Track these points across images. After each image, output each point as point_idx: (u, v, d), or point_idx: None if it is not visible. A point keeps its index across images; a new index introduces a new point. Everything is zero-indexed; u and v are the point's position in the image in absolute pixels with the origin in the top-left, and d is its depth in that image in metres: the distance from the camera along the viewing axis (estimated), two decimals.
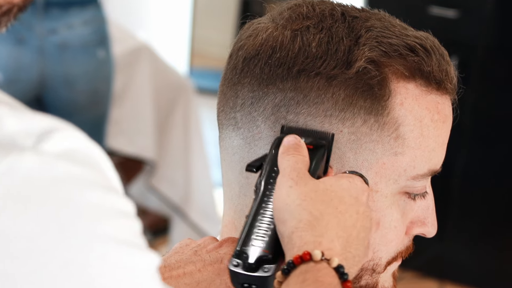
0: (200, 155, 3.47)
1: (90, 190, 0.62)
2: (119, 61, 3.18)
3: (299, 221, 0.81)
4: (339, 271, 0.79)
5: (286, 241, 0.81)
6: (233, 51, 0.97)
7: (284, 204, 0.82)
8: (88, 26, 2.79)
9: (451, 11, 3.36)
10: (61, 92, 2.81)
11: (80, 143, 0.64)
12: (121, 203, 0.65)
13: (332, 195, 0.84)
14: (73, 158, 0.62)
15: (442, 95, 0.94)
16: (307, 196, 0.83)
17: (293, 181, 0.84)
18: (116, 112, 3.28)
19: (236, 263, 0.82)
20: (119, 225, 0.64)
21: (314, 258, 0.79)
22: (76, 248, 0.61)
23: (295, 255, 0.80)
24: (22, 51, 2.73)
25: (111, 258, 0.62)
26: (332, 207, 0.83)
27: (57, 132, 0.63)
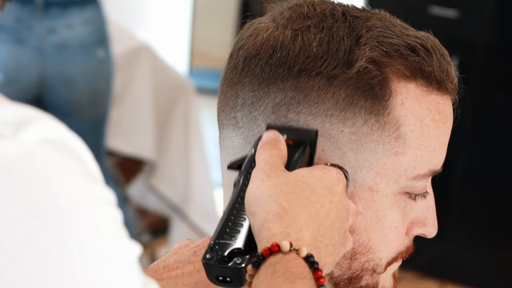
0: (200, 155, 3.47)
1: (69, 178, 0.62)
2: (119, 61, 3.18)
3: (268, 213, 0.81)
4: (309, 260, 0.79)
5: (256, 233, 0.81)
6: (233, 50, 0.97)
7: (254, 197, 0.83)
8: (87, 25, 2.79)
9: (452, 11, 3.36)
10: (60, 92, 2.81)
11: (59, 133, 0.64)
12: (101, 192, 0.65)
13: (303, 186, 0.83)
14: (51, 146, 0.62)
15: (442, 95, 0.94)
16: (277, 188, 0.83)
17: (265, 174, 0.84)
18: (116, 112, 3.28)
19: (209, 257, 0.82)
20: (99, 214, 0.64)
21: (282, 249, 0.79)
22: (54, 237, 0.61)
23: (264, 247, 0.79)
24: (21, 51, 2.73)
25: (90, 247, 0.62)
26: (303, 198, 0.83)
27: (36, 122, 0.63)
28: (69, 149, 0.64)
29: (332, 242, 0.82)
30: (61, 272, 0.61)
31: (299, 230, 0.80)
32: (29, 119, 0.62)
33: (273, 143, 0.87)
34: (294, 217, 0.81)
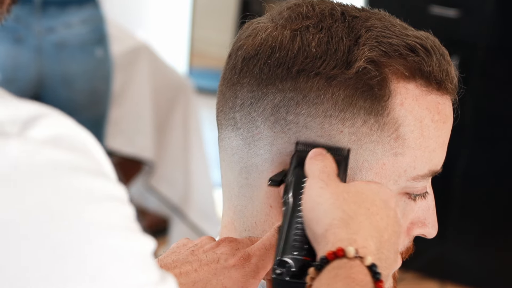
0: (199, 155, 3.47)
1: (78, 175, 0.62)
2: (118, 61, 3.18)
3: (332, 219, 0.81)
4: (372, 269, 0.79)
5: (320, 239, 0.81)
6: (232, 51, 0.97)
7: (316, 203, 0.83)
8: (86, 25, 2.79)
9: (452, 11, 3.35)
10: (59, 91, 2.80)
11: (68, 128, 0.63)
12: (111, 187, 0.64)
13: (364, 197, 0.84)
14: (60, 143, 0.62)
15: (442, 95, 0.94)
16: (339, 196, 0.83)
17: (324, 182, 0.84)
18: (115, 112, 3.27)
19: (280, 272, 0.83)
20: (109, 210, 0.63)
21: (347, 255, 0.79)
22: (64, 234, 0.60)
23: (329, 250, 0.79)
24: (20, 50, 2.73)
25: (100, 243, 0.62)
26: (364, 208, 0.83)
27: (44, 118, 0.62)
28: (79, 144, 0.63)
29: (389, 255, 0.82)
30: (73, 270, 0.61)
31: (364, 238, 0.80)
32: (36, 116, 0.62)
33: (324, 155, 0.88)
34: (358, 225, 0.81)
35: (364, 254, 0.79)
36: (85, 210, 0.62)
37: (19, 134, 0.60)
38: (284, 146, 0.92)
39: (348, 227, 0.80)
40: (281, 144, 0.92)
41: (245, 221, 0.96)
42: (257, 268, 0.89)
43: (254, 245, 0.91)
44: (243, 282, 0.88)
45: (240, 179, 0.95)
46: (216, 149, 1.00)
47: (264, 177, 0.93)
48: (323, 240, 0.81)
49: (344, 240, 0.79)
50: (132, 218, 0.65)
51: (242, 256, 0.90)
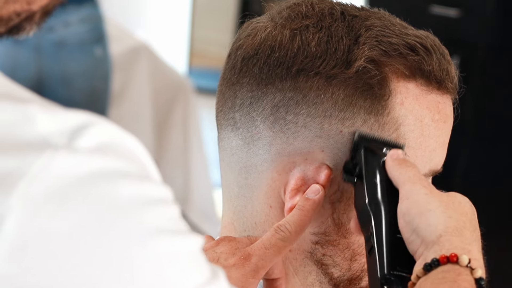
0: (199, 156, 3.47)
1: (125, 181, 0.62)
2: (118, 60, 3.18)
3: (446, 226, 0.82)
4: (479, 283, 0.80)
5: (431, 244, 0.82)
6: (231, 50, 0.96)
7: (427, 210, 0.83)
8: (85, 23, 2.78)
9: (453, 10, 3.35)
10: (58, 90, 2.80)
11: (114, 135, 0.63)
12: (158, 191, 0.64)
13: (466, 210, 0.86)
14: (107, 151, 0.62)
15: (443, 94, 0.94)
16: (448, 205, 0.84)
17: (427, 189, 0.85)
18: (115, 112, 3.27)
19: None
20: (157, 213, 0.63)
21: (460, 262, 0.80)
22: (116, 241, 0.61)
23: (442, 255, 0.80)
24: (19, 49, 2.72)
25: (152, 248, 0.62)
26: (469, 221, 0.85)
27: (90, 127, 0.62)
28: (125, 150, 0.63)
29: None
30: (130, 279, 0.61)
31: (478, 251, 0.82)
32: (83, 125, 0.62)
33: (408, 160, 0.88)
34: (470, 237, 0.83)
35: (476, 266, 0.80)
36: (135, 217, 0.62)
37: (67, 145, 0.60)
38: (282, 146, 0.92)
39: (463, 237, 0.82)
40: (279, 144, 0.92)
41: (245, 222, 0.96)
42: (257, 268, 0.89)
43: (254, 245, 0.90)
44: (243, 282, 0.88)
45: (240, 179, 0.95)
46: (216, 149, 1.00)
47: (263, 177, 0.93)
48: (435, 245, 0.82)
49: (459, 248, 0.81)
50: (178, 218, 0.65)
51: (242, 255, 0.89)
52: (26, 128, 0.61)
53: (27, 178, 0.59)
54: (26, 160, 0.59)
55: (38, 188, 0.59)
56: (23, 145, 0.60)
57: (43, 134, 0.61)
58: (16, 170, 0.59)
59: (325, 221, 0.93)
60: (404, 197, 0.85)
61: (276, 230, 0.90)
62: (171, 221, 0.64)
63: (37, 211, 0.59)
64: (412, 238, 0.83)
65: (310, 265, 0.95)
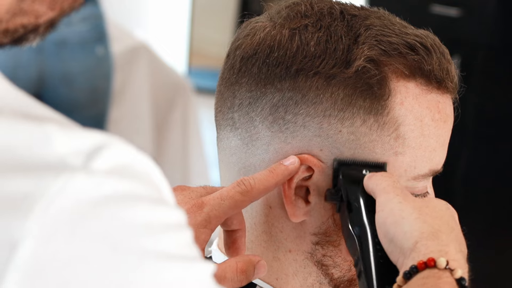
0: (198, 156, 3.47)
1: (140, 205, 0.61)
2: (117, 60, 3.17)
3: (421, 232, 0.82)
4: (461, 283, 0.80)
5: (409, 252, 0.82)
6: (230, 50, 0.96)
7: (401, 218, 0.83)
8: (86, 22, 2.78)
9: (453, 10, 3.35)
10: (60, 90, 2.80)
11: (130, 157, 0.63)
12: (172, 215, 0.64)
13: (441, 213, 0.85)
14: (122, 173, 0.61)
15: (443, 94, 0.94)
16: (421, 211, 0.84)
17: (400, 197, 0.85)
18: (114, 112, 3.27)
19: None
20: (170, 239, 0.63)
21: (438, 266, 0.79)
22: (128, 267, 0.60)
23: (420, 261, 0.80)
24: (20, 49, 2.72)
25: (162, 275, 0.61)
26: (446, 223, 0.84)
27: (107, 149, 0.61)
28: (140, 173, 0.63)
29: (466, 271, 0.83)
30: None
31: (456, 251, 0.82)
32: (99, 146, 0.61)
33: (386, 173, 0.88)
34: (447, 238, 0.82)
35: (455, 266, 0.80)
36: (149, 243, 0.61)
37: (84, 166, 0.60)
38: (280, 145, 0.91)
39: (438, 240, 0.82)
40: (277, 144, 0.91)
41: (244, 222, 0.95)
42: (208, 217, 0.88)
43: (210, 195, 0.90)
44: (194, 231, 0.86)
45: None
46: (215, 149, 1.00)
47: None
48: (412, 252, 0.81)
49: (435, 252, 0.80)
50: (191, 244, 0.65)
51: (194, 204, 0.89)
52: (43, 148, 0.60)
53: (44, 201, 0.58)
54: (43, 182, 0.58)
55: (55, 212, 0.58)
56: (40, 166, 0.59)
57: (60, 155, 0.60)
58: (33, 193, 0.58)
59: (326, 222, 0.93)
60: (379, 209, 0.85)
61: (238, 183, 0.89)
62: (184, 248, 0.64)
63: (53, 235, 0.58)
64: (391, 249, 0.83)
65: (310, 266, 0.94)
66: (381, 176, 0.87)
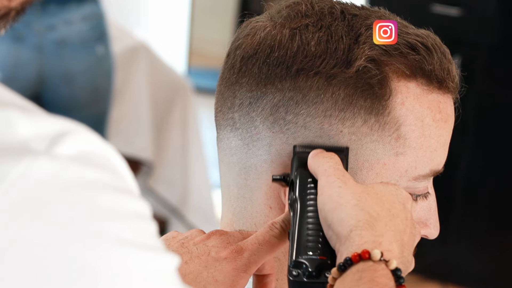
0: (198, 156, 3.47)
1: (104, 193, 0.61)
2: (116, 60, 3.17)
3: (357, 220, 0.80)
4: (396, 274, 0.79)
5: (344, 240, 0.80)
6: (230, 50, 0.96)
7: (339, 204, 0.82)
8: (86, 22, 2.78)
9: (454, 9, 3.35)
10: (60, 89, 2.80)
11: (94, 145, 0.63)
12: (137, 205, 0.64)
13: (384, 199, 0.83)
14: (87, 161, 0.61)
15: (443, 94, 0.94)
16: (361, 196, 0.82)
17: (341, 181, 0.83)
18: (113, 112, 3.26)
19: (296, 273, 0.82)
20: (135, 228, 0.63)
21: (373, 258, 0.78)
22: (91, 253, 0.60)
23: (353, 252, 0.79)
24: (20, 48, 2.72)
25: (127, 262, 0.61)
26: (386, 210, 0.82)
27: (71, 135, 0.61)
28: (104, 161, 0.63)
29: (408, 259, 0.82)
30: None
31: (390, 242, 0.80)
32: (63, 132, 0.61)
33: (330, 153, 0.87)
34: (383, 228, 0.81)
35: (389, 257, 0.79)
36: (112, 229, 0.61)
37: (46, 151, 0.60)
38: (282, 146, 0.91)
39: (374, 229, 0.80)
40: (279, 145, 0.91)
41: (244, 223, 0.95)
42: (248, 263, 0.88)
43: (247, 240, 0.90)
44: (234, 276, 0.87)
45: (239, 180, 0.95)
46: (215, 149, 1.00)
47: (263, 178, 0.93)
48: (347, 241, 0.80)
49: (369, 243, 0.79)
50: (155, 236, 0.64)
51: (234, 249, 0.89)
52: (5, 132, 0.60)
53: (5, 184, 0.58)
54: (4, 166, 0.58)
55: (16, 196, 0.58)
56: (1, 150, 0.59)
57: (23, 139, 0.60)
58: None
59: None
60: (320, 192, 0.84)
61: (270, 227, 0.89)
62: (148, 238, 0.63)
63: (13, 219, 0.58)
64: (329, 234, 0.82)
65: None
66: (323, 157, 0.86)
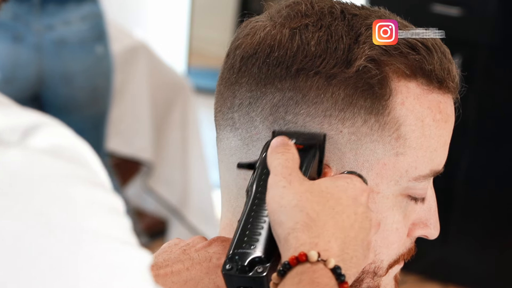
0: (198, 156, 3.47)
1: (77, 186, 0.61)
2: (116, 60, 3.17)
3: (295, 222, 0.80)
4: (336, 272, 0.78)
5: (283, 243, 0.80)
6: (230, 50, 0.96)
7: (279, 206, 0.81)
8: (85, 21, 2.78)
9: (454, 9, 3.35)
10: (59, 89, 2.80)
11: (67, 139, 0.63)
12: (109, 199, 0.64)
13: (328, 196, 0.82)
14: (59, 154, 0.61)
15: (444, 94, 0.93)
16: (302, 196, 0.81)
17: (286, 181, 0.83)
18: (113, 112, 3.26)
19: (229, 267, 0.81)
20: (107, 222, 0.63)
21: (310, 259, 0.78)
22: (63, 245, 0.60)
23: (291, 256, 0.79)
24: (19, 48, 2.72)
25: (99, 256, 0.61)
26: (329, 208, 0.82)
27: (43, 128, 0.61)
28: (77, 155, 0.63)
29: (356, 254, 0.81)
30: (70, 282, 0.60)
31: (327, 241, 0.80)
32: (35, 125, 0.61)
33: (286, 147, 0.86)
34: (322, 227, 0.80)
35: (327, 257, 0.79)
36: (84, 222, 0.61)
37: (18, 142, 0.60)
38: None
39: (310, 231, 0.80)
40: None
41: None
42: None
43: None
44: None
45: (239, 180, 0.94)
46: (215, 149, 0.99)
47: None
48: (285, 244, 0.80)
49: (306, 244, 0.79)
50: (129, 231, 0.64)
51: None
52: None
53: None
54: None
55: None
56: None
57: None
58: None
59: None
60: (267, 191, 0.83)
61: None
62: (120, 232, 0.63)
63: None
64: (274, 235, 0.82)
65: None
66: (276, 153, 0.85)
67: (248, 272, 0.81)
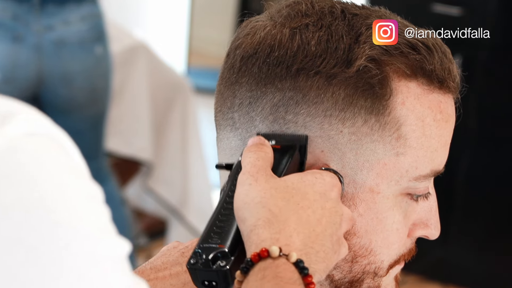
0: (198, 156, 3.46)
1: (55, 173, 0.61)
2: (115, 60, 3.16)
3: (257, 219, 0.81)
4: (299, 265, 0.79)
5: (246, 239, 0.81)
6: (230, 49, 0.96)
7: (243, 203, 0.82)
8: (85, 22, 2.78)
9: (455, 9, 3.35)
10: (59, 89, 2.80)
11: (44, 126, 0.63)
12: (88, 188, 0.64)
13: (294, 192, 0.83)
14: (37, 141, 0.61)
15: (444, 93, 0.93)
16: (266, 193, 0.82)
17: (253, 178, 0.83)
18: (113, 112, 3.26)
19: (193, 261, 0.82)
20: (86, 210, 0.63)
21: (272, 255, 0.79)
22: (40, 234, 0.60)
23: (253, 252, 0.79)
24: (19, 49, 2.72)
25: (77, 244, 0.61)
26: (293, 203, 0.82)
27: (20, 115, 0.61)
28: (55, 143, 0.63)
29: (324, 248, 0.82)
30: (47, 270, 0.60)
31: (288, 236, 0.80)
32: (12, 112, 0.61)
33: (259, 147, 0.86)
34: (283, 223, 0.81)
35: (289, 251, 0.79)
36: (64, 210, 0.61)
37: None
38: None
39: (272, 227, 0.80)
40: None
41: None
42: None
43: None
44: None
45: None
46: (215, 149, 0.99)
47: None
48: (248, 241, 0.81)
49: (267, 240, 0.79)
50: (108, 219, 0.64)
51: None
52: None
53: None
54: None
55: None
56: None
57: None
58: None
59: None
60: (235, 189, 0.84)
61: None
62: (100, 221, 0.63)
63: None
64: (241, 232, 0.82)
65: None
66: (248, 151, 0.86)
67: (211, 266, 0.81)
